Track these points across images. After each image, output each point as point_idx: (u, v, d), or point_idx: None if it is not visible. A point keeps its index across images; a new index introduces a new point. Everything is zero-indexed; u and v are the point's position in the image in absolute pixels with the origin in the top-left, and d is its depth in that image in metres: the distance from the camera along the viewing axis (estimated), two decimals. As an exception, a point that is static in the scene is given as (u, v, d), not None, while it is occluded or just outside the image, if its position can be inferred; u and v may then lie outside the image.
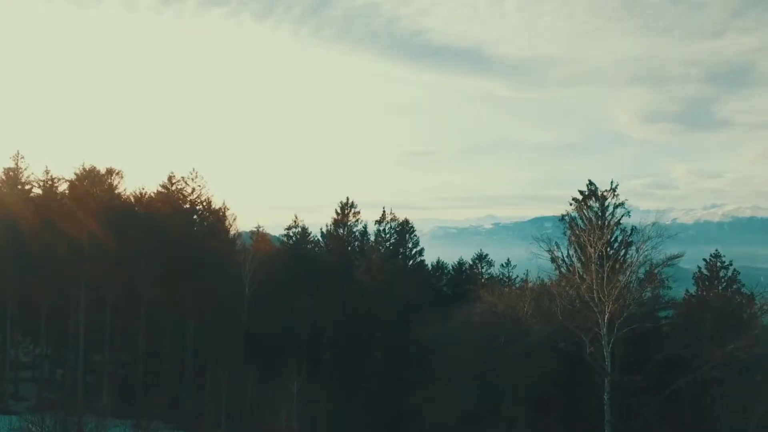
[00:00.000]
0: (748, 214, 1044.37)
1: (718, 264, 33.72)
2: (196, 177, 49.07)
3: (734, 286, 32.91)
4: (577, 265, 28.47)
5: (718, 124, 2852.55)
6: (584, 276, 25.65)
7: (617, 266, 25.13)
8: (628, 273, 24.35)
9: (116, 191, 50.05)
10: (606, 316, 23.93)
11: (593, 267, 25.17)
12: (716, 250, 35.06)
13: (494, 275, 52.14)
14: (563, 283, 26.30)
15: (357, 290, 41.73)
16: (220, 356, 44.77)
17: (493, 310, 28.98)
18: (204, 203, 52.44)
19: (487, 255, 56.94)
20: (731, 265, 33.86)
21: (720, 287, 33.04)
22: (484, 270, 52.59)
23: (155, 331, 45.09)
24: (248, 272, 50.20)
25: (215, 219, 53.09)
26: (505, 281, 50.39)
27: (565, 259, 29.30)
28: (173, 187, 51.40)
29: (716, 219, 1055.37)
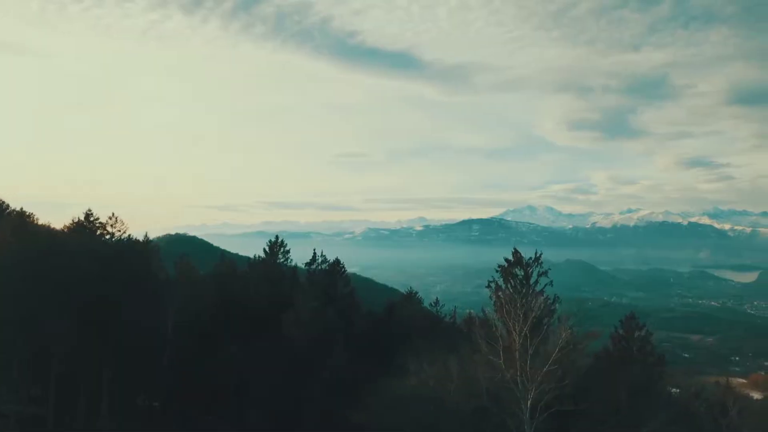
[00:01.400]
0: (660, 218, 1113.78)
1: (634, 324, 35.47)
2: (116, 222, 46.81)
3: (648, 347, 34.78)
4: (504, 333, 28.94)
5: (634, 133, 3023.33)
6: (508, 355, 26.20)
7: (540, 348, 25.80)
8: (551, 358, 24.95)
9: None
10: (529, 402, 24.61)
11: (518, 347, 25.81)
12: (632, 312, 36.78)
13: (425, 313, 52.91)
14: (486, 365, 26.75)
15: (286, 344, 40.92)
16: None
17: (425, 384, 29.23)
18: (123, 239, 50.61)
19: (417, 293, 57.61)
20: (645, 325, 35.75)
21: (635, 347, 34.80)
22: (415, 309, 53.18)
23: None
24: (172, 314, 48.60)
25: (136, 256, 50.97)
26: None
27: (495, 328, 29.74)
28: (90, 225, 49.22)
29: (632, 223, 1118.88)
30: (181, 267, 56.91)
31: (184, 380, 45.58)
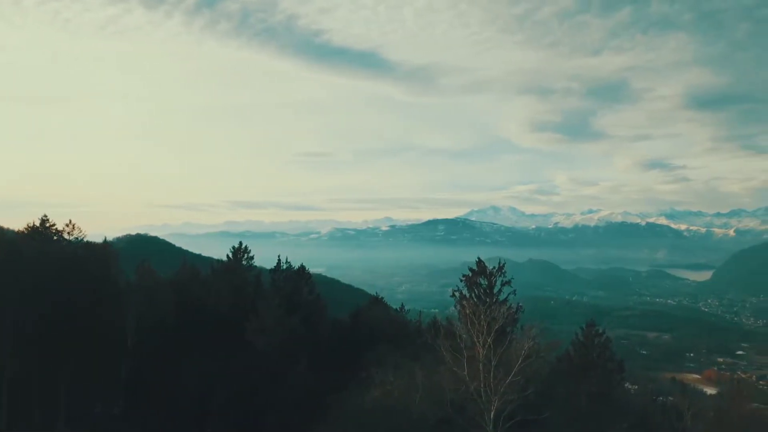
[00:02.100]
0: (619, 219, 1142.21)
1: (593, 332, 36.22)
2: (74, 229, 45.45)
3: (607, 354, 35.58)
4: (468, 344, 29.14)
5: (595, 136, 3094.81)
6: (473, 366, 26.40)
7: (504, 359, 26.08)
8: (514, 369, 25.25)
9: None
10: (492, 413, 24.86)
11: (482, 358, 26.04)
12: (592, 319, 37.55)
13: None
14: (451, 376, 26.92)
15: (249, 352, 40.37)
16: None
17: (390, 395, 29.21)
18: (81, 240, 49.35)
19: (382, 297, 57.65)
20: (604, 333, 36.55)
21: (595, 354, 35.56)
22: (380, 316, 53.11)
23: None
24: (132, 320, 47.52)
25: (95, 261, 49.60)
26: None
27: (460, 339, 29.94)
28: (46, 231, 47.73)
29: (592, 224, 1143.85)
30: (141, 272, 55.62)
31: (145, 388, 44.62)
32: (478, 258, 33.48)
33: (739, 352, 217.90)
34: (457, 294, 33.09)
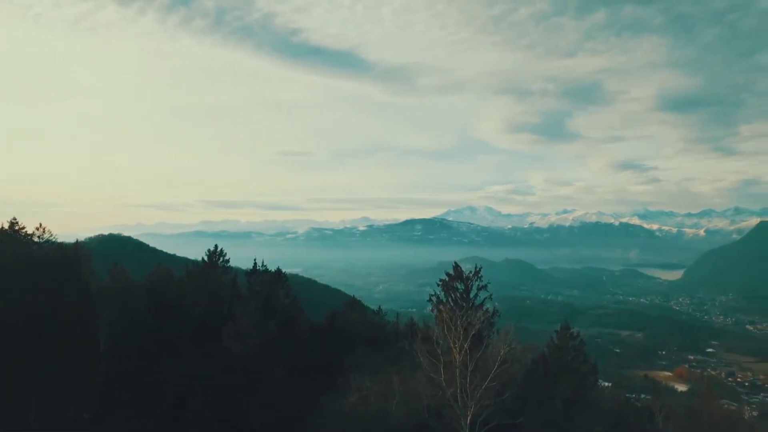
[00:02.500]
0: (593, 219, 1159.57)
1: (568, 335, 36.62)
2: (44, 233, 44.47)
3: (581, 357, 36.01)
4: (445, 349, 29.22)
5: (570, 137, 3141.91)
6: (449, 371, 26.49)
7: (480, 364, 26.22)
8: (490, 374, 25.40)
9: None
10: (468, 419, 24.98)
11: (458, 364, 26.13)
12: (566, 321, 37.95)
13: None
14: (427, 381, 26.99)
15: (224, 358, 39.89)
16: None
17: (367, 401, 29.14)
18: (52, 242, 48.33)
19: (359, 299, 57.55)
20: (579, 335, 36.99)
21: (569, 357, 35.95)
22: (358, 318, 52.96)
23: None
24: (105, 323, 46.69)
25: (66, 264, 48.57)
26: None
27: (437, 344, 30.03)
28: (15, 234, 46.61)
29: (567, 223, 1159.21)
30: (114, 274, 54.74)
31: (118, 392, 43.84)
32: (455, 263, 33.61)
33: (709, 350, 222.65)
34: (434, 299, 33.19)
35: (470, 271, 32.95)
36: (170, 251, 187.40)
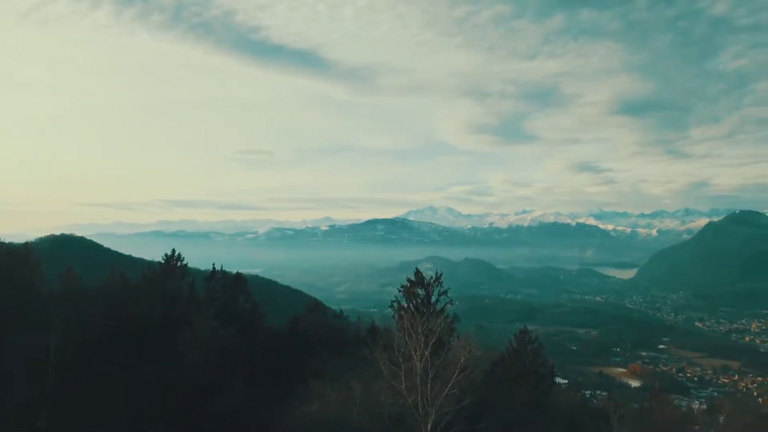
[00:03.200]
0: (551, 219, 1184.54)
1: (527, 338, 37.26)
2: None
3: (539, 360, 36.70)
4: (406, 355, 29.25)
5: (528, 138, 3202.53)
6: (410, 378, 26.55)
7: (440, 371, 26.35)
8: (451, 380, 25.57)
9: None
10: (429, 426, 25.08)
11: (419, 371, 26.21)
12: (524, 326, 38.57)
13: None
14: (389, 388, 26.98)
15: (182, 366, 39.02)
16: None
17: (328, 409, 28.95)
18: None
19: (321, 304, 57.19)
20: (537, 339, 37.67)
21: (528, 360, 36.59)
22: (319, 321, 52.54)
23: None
24: (57, 331, 45.02)
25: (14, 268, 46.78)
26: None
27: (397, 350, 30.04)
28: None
29: (526, 224, 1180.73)
30: (66, 279, 52.80)
31: (71, 402, 42.36)
32: (416, 269, 33.71)
33: (661, 346, 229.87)
34: (395, 304, 33.19)
35: (431, 277, 33.10)
36: (126, 252, 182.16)
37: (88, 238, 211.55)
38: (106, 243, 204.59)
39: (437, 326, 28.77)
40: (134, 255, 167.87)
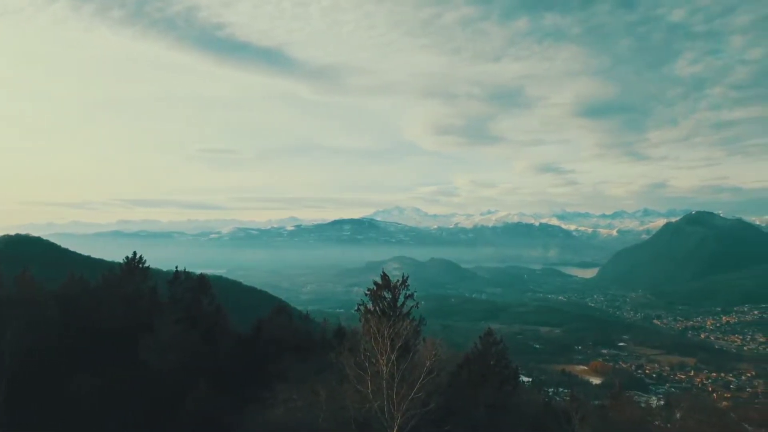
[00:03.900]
0: (515, 219, 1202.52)
1: (491, 340, 37.67)
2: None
3: (503, 361, 37.17)
4: (372, 359, 29.24)
5: (494, 140, 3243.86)
6: (376, 382, 26.56)
7: (406, 374, 26.43)
8: (417, 384, 25.67)
9: None
10: (395, 430, 25.12)
11: (385, 375, 26.24)
12: (489, 327, 39.01)
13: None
14: (355, 393, 26.92)
15: (144, 373, 38.15)
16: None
17: (294, 414, 28.74)
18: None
19: (286, 306, 56.72)
20: (501, 340, 38.16)
21: (492, 361, 37.01)
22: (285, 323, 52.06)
23: None
24: (11, 337, 43.46)
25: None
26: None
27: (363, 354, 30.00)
28: None
29: (491, 224, 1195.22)
30: (22, 283, 51.01)
31: (27, 410, 40.96)
32: (383, 271, 33.68)
33: (621, 344, 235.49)
34: (362, 308, 33.15)
35: (398, 280, 33.18)
36: (85, 253, 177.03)
37: (45, 238, 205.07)
38: (64, 243, 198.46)
39: (403, 330, 28.85)
40: (93, 256, 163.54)
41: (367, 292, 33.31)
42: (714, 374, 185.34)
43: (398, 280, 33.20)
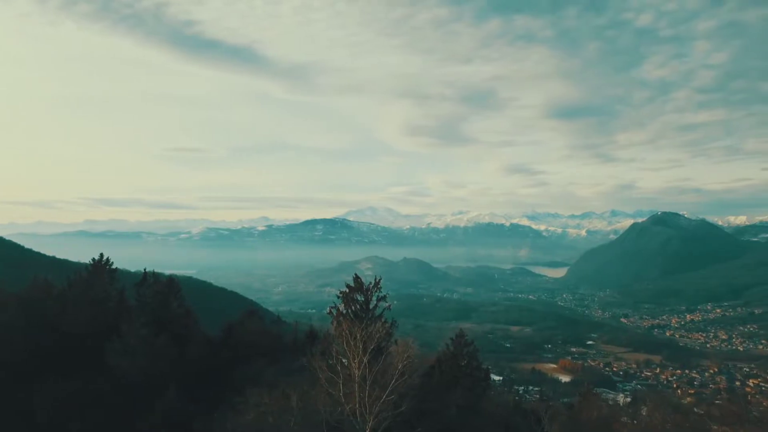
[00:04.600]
0: (486, 220, 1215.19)
1: (463, 341, 37.96)
2: None
3: (475, 363, 37.50)
4: (344, 362, 29.18)
5: (465, 141, 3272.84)
6: (348, 386, 26.52)
7: (378, 377, 26.44)
8: (389, 387, 25.70)
9: None
10: (367, 432, 25.12)
11: (357, 379, 26.20)
12: (460, 329, 39.29)
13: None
14: (327, 396, 26.83)
15: (111, 379, 37.33)
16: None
17: (264, 419, 28.42)
18: None
19: (257, 308, 56.17)
20: (473, 342, 38.50)
21: (463, 363, 37.31)
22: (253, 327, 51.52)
23: None
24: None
25: None
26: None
27: (335, 358, 29.94)
28: None
29: (462, 224, 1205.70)
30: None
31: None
32: (355, 274, 33.71)
33: (589, 342, 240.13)
34: (334, 311, 33.09)
35: (370, 282, 33.22)
36: (50, 253, 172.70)
37: (8, 238, 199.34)
38: (27, 243, 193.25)
39: (376, 332, 28.87)
40: (58, 256, 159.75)
41: (339, 295, 33.27)
42: (679, 371, 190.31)
43: (371, 283, 33.25)
